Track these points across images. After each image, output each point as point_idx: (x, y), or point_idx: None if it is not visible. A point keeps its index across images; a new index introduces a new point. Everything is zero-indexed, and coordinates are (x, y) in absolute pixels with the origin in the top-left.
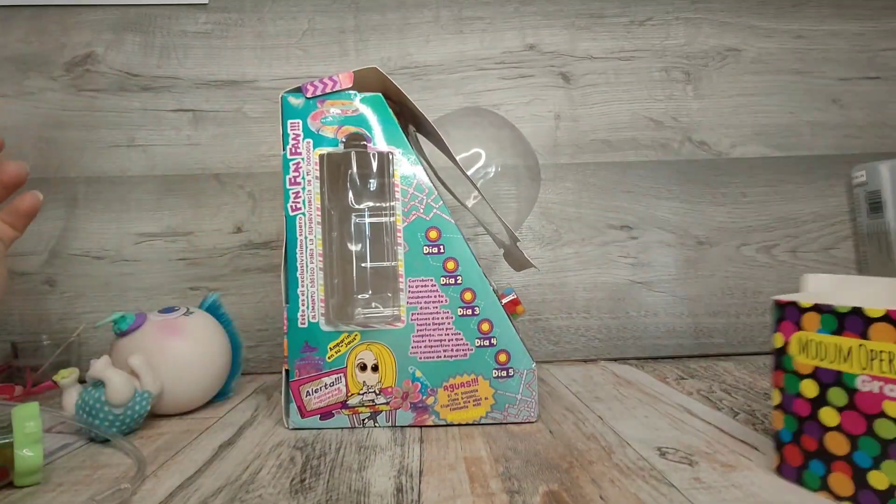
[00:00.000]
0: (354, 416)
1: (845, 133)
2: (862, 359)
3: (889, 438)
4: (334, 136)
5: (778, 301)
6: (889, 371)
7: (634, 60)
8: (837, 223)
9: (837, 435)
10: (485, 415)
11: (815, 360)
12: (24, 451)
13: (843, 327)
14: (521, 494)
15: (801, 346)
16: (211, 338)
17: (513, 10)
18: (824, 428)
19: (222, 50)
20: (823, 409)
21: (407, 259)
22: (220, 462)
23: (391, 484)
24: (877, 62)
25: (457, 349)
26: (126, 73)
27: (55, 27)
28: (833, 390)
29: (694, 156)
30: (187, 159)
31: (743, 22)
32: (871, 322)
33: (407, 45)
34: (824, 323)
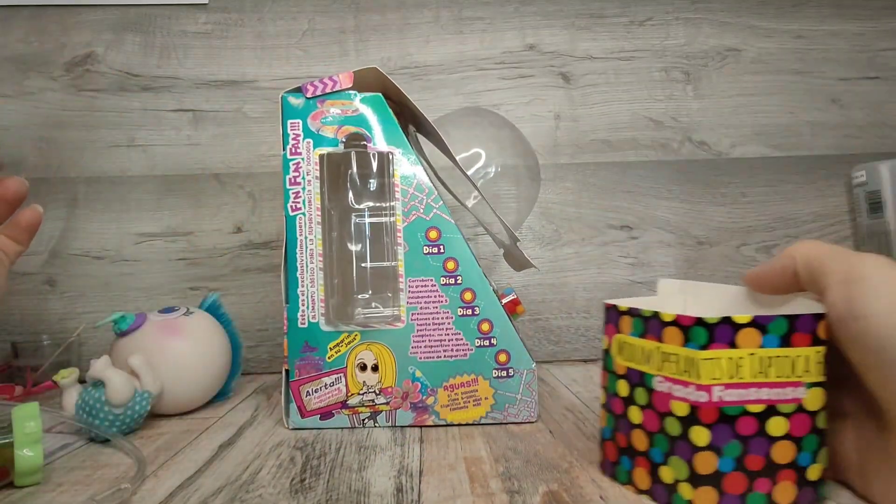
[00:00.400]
0: (354, 416)
1: (845, 133)
2: (657, 360)
3: (675, 436)
4: (334, 136)
5: (605, 304)
6: (676, 372)
7: (634, 60)
8: (837, 223)
9: (640, 432)
10: (485, 415)
11: (628, 361)
12: (24, 451)
13: (646, 330)
14: (521, 494)
15: (619, 348)
16: (211, 338)
17: (513, 10)
18: (632, 425)
19: (222, 50)
20: (631, 408)
21: (407, 259)
22: (220, 462)
23: (391, 484)
24: (877, 62)
25: (457, 349)
26: (126, 73)
27: (55, 27)
28: (638, 390)
29: (694, 156)
30: (187, 159)
31: (743, 22)
32: (664, 326)
33: (407, 45)
34: (634, 326)
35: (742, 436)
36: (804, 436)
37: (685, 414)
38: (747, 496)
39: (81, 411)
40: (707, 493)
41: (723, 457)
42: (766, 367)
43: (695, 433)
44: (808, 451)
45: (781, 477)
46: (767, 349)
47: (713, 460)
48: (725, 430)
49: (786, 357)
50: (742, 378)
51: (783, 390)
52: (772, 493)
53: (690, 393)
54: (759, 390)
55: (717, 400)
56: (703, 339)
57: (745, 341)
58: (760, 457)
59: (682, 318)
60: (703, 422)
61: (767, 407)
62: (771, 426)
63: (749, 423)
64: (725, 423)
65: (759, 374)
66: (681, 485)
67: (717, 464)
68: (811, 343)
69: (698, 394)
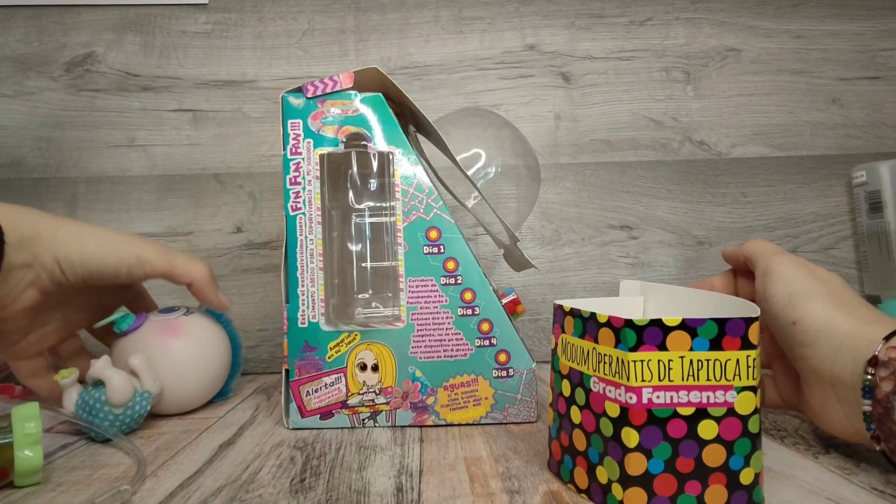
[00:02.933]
0: (354, 415)
1: (845, 133)
2: (594, 361)
3: (608, 436)
4: (335, 136)
5: (554, 304)
6: (609, 373)
7: (634, 60)
8: (837, 223)
9: (579, 432)
10: (485, 415)
11: (570, 361)
12: (24, 452)
13: (585, 331)
14: (521, 494)
15: (563, 348)
16: (211, 338)
17: (513, 10)
18: (573, 425)
19: (222, 50)
20: (573, 408)
21: (407, 259)
22: (220, 462)
23: (391, 484)
24: (877, 62)
25: (457, 349)
26: (126, 73)
27: (55, 27)
28: (578, 390)
29: (694, 156)
30: (187, 159)
31: (743, 22)
32: (600, 327)
33: (407, 45)
34: (575, 326)
35: (672, 438)
36: (735, 439)
37: (616, 415)
38: (677, 498)
39: (81, 411)
40: (637, 494)
41: (652, 458)
42: (696, 369)
43: (625, 434)
44: (740, 455)
45: (712, 480)
46: (697, 352)
47: (643, 461)
48: (655, 432)
49: (716, 360)
50: (672, 380)
51: (713, 393)
52: (702, 495)
53: (621, 394)
54: (689, 393)
55: (646, 402)
56: (633, 341)
57: (675, 344)
58: (690, 459)
59: (614, 319)
60: (633, 423)
61: (697, 410)
62: (701, 429)
63: (679, 426)
64: (655, 425)
65: (689, 376)
66: (613, 485)
67: (646, 465)
68: (741, 347)
69: (628, 395)
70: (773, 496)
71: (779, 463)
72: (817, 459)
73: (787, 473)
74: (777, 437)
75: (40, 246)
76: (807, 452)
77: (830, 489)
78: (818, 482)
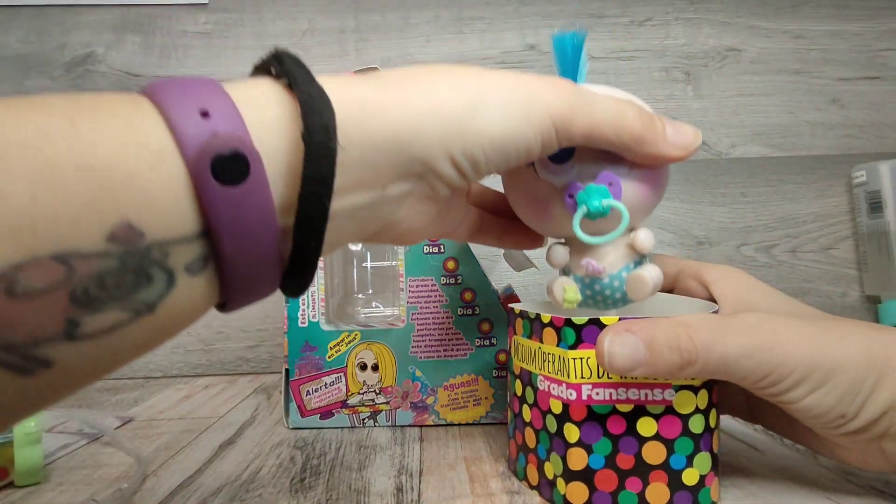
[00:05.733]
0: (354, 415)
1: (845, 133)
2: (539, 360)
3: (553, 432)
4: None
5: (507, 308)
6: (552, 371)
7: (634, 60)
8: (837, 223)
9: (530, 430)
10: (485, 414)
11: (521, 361)
12: (24, 451)
13: (532, 331)
14: (521, 495)
15: (515, 349)
16: None
17: (513, 11)
18: (525, 423)
19: (222, 50)
20: (524, 406)
21: (407, 258)
22: (220, 461)
23: (391, 483)
24: (876, 62)
25: (457, 349)
26: (126, 73)
27: (55, 27)
28: (528, 389)
29: (694, 156)
30: None
31: (743, 22)
32: (544, 327)
33: (407, 45)
34: (524, 328)
35: (612, 434)
36: (675, 438)
37: (559, 412)
38: (619, 494)
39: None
40: (579, 489)
41: (593, 454)
42: None
43: (567, 430)
44: (682, 454)
45: (653, 478)
46: None
47: (584, 457)
48: (595, 428)
49: None
50: (610, 377)
51: (651, 391)
52: (644, 492)
53: (563, 391)
54: (628, 390)
55: (585, 398)
56: (572, 340)
57: None
58: (630, 456)
59: (556, 318)
60: (574, 419)
61: (636, 407)
62: (640, 426)
63: (618, 422)
64: (595, 421)
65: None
66: (558, 480)
67: (587, 460)
68: None
69: (569, 392)
70: (772, 496)
71: (778, 462)
72: (816, 459)
73: (787, 473)
74: (776, 436)
75: (423, 143)
76: (806, 452)
77: (830, 489)
78: (818, 482)
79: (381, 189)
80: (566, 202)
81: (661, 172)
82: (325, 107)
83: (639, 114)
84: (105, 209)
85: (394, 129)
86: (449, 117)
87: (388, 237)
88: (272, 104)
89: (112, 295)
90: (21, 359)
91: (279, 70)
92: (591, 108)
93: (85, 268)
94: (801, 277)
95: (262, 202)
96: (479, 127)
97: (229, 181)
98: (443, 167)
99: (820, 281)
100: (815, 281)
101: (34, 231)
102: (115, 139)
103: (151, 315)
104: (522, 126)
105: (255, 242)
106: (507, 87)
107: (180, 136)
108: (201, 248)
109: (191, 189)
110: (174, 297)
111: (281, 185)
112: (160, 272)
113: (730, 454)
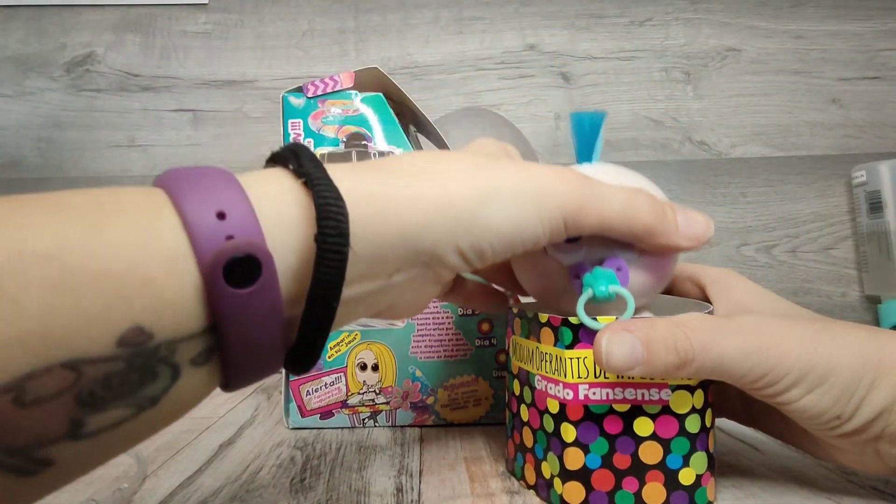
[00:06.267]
0: (354, 415)
1: (845, 133)
2: (537, 360)
3: (550, 432)
4: (335, 135)
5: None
6: (549, 370)
7: (634, 60)
8: (837, 223)
9: (528, 429)
10: (485, 414)
11: (519, 361)
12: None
13: (530, 331)
14: (521, 495)
15: (514, 349)
16: None
17: (513, 11)
18: (523, 423)
19: (222, 50)
20: (522, 406)
21: None
22: (220, 462)
23: (391, 484)
24: (876, 62)
25: (457, 349)
26: (126, 73)
27: (55, 27)
28: (525, 389)
29: (694, 156)
30: (187, 159)
31: (743, 22)
32: (542, 326)
33: (407, 45)
34: (522, 327)
35: (609, 434)
36: (672, 438)
37: (556, 411)
38: (615, 493)
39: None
40: (576, 488)
41: (590, 454)
42: None
43: (564, 429)
44: (678, 454)
45: (650, 477)
46: None
47: (580, 456)
48: (592, 428)
49: None
50: (607, 377)
51: (648, 391)
52: (640, 492)
53: (560, 391)
54: (625, 390)
55: (582, 398)
56: (569, 339)
57: None
58: (627, 456)
59: (553, 318)
60: (571, 419)
61: (633, 407)
62: (637, 426)
63: (615, 422)
64: (592, 421)
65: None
66: (555, 479)
67: (584, 460)
68: None
69: (566, 391)
70: (773, 496)
71: (778, 462)
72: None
73: (787, 473)
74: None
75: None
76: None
77: (831, 489)
78: (818, 482)
79: (387, 278)
80: (572, 282)
81: (669, 259)
82: (341, 211)
83: (650, 205)
84: (118, 315)
85: (403, 225)
86: (459, 212)
87: (389, 315)
88: (288, 203)
89: (117, 394)
90: (24, 461)
91: (296, 167)
92: (600, 202)
93: (93, 372)
94: (801, 277)
95: (270, 301)
96: (488, 220)
97: (240, 284)
98: (450, 258)
99: (820, 281)
100: (815, 281)
101: (47, 339)
102: (134, 244)
103: (154, 408)
104: (532, 219)
105: (261, 336)
106: (517, 180)
107: (196, 241)
108: (207, 341)
109: (202, 291)
110: (177, 388)
111: (290, 280)
112: (166, 368)
113: (730, 454)
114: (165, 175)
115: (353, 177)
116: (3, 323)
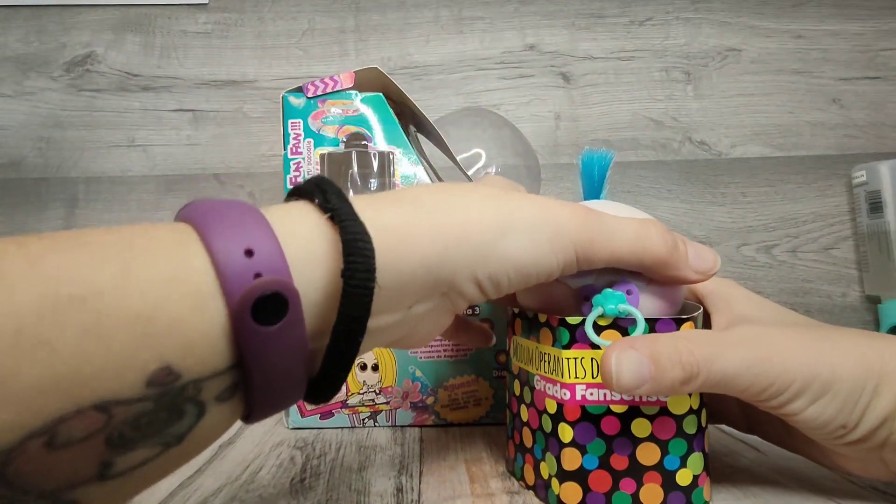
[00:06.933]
0: (354, 415)
1: (845, 133)
2: (536, 360)
3: (548, 432)
4: (335, 135)
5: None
6: (548, 371)
7: (634, 60)
8: (837, 223)
9: (527, 429)
10: (485, 415)
11: (520, 361)
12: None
13: (530, 331)
14: (521, 495)
15: (514, 350)
16: None
17: (513, 10)
18: (522, 423)
19: (222, 50)
20: (522, 406)
21: None
22: (219, 461)
23: (391, 484)
24: (877, 62)
25: (457, 349)
26: (126, 73)
27: (55, 27)
28: (525, 389)
29: (694, 156)
30: (187, 159)
31: (743, 22)
32: (541, 326)
33: (407, 45)
34: (523, 328)
35: (606, 435)
36: (670, 439)
37: (554, 411)
38: (612, 494)
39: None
40: (573, 489)
41: (587, 454)
42: None
43: (561, 430)
44: (676, 455)
45: (647, 478)
46: None
47: (578, 457)
48: (589, 429)
49: None
50: None
51: None
52: (638, 493)
53: (557, 391)
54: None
55: (579, 398)
56: (566, 339)
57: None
58: (625, 457)
59: (551, 318)
60: (568, 419)
61: (630, 408)
62: (634, 427)
63: (612, 423)
64: (589, 422)
65: None
66: (553, 480)
67: (581, 461)
68: None
69: (563, 391)
70: (773, 496)
71: (778, 462)
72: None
73: (787, 473)
74: None
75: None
76: None
77: (831, 490)
78: (818, 482)
79: (407, 309)
80: (581, 304)
81: (678, 288)
82: (367, 247)
83: (662, 237)
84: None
85: (424, 256)
86: (477, 243)
87: (403, 345)
88: (315, 239)
89: (145, 433)
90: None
91: (322, 202)
92: (610, 237)
93: (123, 413)
94: (802, 277)
95: (296, 338)
96: (505, 252)
97: (267, 321)
98: (467, 288)
99: (820, 281)
100: (815, 281)
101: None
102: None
103: (180, 446)
104: (546, 253)
105: (285, 371)
106: (532, 213)
107: (224, 280)
108: (232, 377)
109: (229, 329)
110: (202, 425)
111: (315, 314)
112: (192, 406)
113: (730, 454)
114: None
115: (374, 209)
116: (39, 367)
